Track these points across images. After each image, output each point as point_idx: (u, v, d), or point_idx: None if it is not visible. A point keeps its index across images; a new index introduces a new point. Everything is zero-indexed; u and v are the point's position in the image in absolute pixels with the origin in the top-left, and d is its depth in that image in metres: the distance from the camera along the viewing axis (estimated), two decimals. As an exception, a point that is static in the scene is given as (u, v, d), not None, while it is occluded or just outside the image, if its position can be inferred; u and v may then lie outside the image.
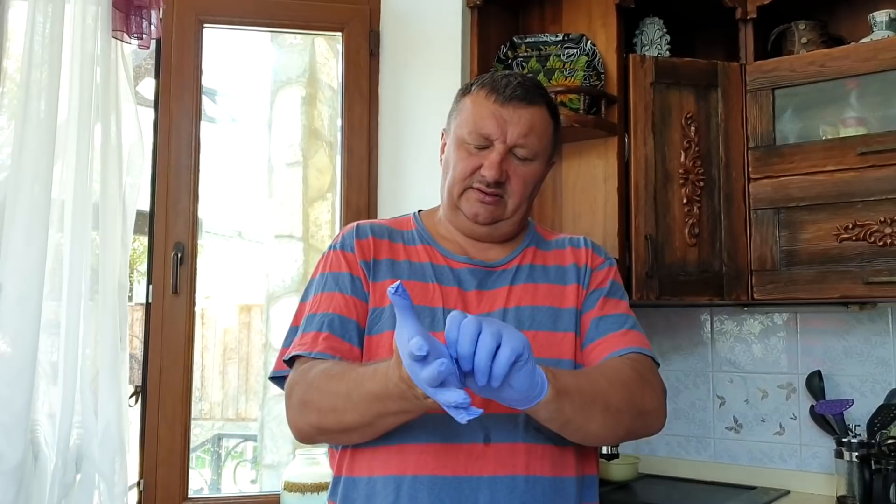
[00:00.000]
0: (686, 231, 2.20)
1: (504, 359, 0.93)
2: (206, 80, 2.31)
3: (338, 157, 2.46)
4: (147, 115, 2.22)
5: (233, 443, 4.42)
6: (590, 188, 2.24)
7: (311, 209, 3.26)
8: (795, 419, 2.38)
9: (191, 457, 2.23)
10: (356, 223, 1.36)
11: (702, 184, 2.22)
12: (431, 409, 1.02)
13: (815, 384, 2.30)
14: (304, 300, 1.33)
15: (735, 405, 2.48)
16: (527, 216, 1.37)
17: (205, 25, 2.28)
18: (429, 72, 2.34)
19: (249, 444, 4.28)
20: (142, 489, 2.13)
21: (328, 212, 3.24)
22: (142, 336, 2.20)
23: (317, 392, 1.16)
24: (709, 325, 2.56)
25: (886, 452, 2.05)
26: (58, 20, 1.86)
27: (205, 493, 3.49)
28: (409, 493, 1.17)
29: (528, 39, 2.32)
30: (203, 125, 2.27)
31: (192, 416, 2.20)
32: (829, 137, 2.13)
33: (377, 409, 1.08)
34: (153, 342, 2.16)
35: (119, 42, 2.03)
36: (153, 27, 2.07)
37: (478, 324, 0.93)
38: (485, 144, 1.28)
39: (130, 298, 2.12)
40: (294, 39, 3.30)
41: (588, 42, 2.25)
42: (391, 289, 0.90)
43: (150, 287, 2.18)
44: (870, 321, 2.30)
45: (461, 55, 2.28)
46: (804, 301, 2.19)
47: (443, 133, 1.40)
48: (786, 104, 2.19)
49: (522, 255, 1.35)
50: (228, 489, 4.19)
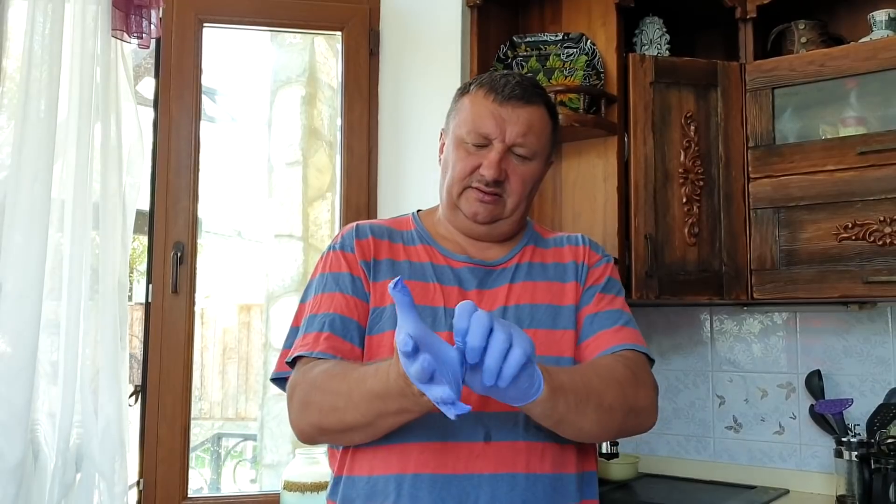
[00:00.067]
0: (686, 230, 2.21)
1: (515, 361, 0.92)
2: (206, 80, 2.31)
3: (337, 157, 2.46)
4: (147, 115, 2.23)
5: (232, 442, 4.42)
6: (589, 188, 2.24)
7: (311, 209, 3.26)
8: (795, 419, 2.38)
9: (190, 456, 2.23)
10: (355, 223, 1.36)
11: (701, 183, 2.22)
12: (432, 409, 1.02)
13: (815, 384, 2.30)
14: (304, 301, 1.33)
15: (735, 405, 2.49)
16: (526, 215, 1.37)
17: (204, 25, 2.29)
18: (428, 71, 2.34)
19: (249, 444, 4.28)
20: (141, 488, 2.13)
21: (328, 211, 3.24)
22: (142, 336, 2.20)
23: (318, 392, 1.16)
24: (708, 325, 2.56)
25: (886, 452, 2.05)
26: (58, 19, 1.86)
27: (204, 493, 3.49)
28: (410, 492, 1.17)
29: (528, 39, 2.32)
30: (203, 124, 2.28)
31: (192, 416, 2.20)
32: (829, 137, 2.13)
33: (378, 408, 1.08)
34: (153, 342, 2.17)
35: (119, 41, 2.04)
36: (153, 26, 2.07)
37: (490, 319, 0.92)
38: (484, 144, 1.29)
39: (130, 298, 2.12)
40: (294, 39, 3.30)
41: (588, 41, 2.25)
42: (391, 285, 0.89)
43: (150, 286, 2.18)
44: (869, 321, 2.30)
45: (461, 54, 2.28)
46: (804, 300, 2.19)
47: (441, 133, 1.40)
48: (785, 104, 2.19)
49: (521, 254, 1.35)
50: (228, 489, 4.19)
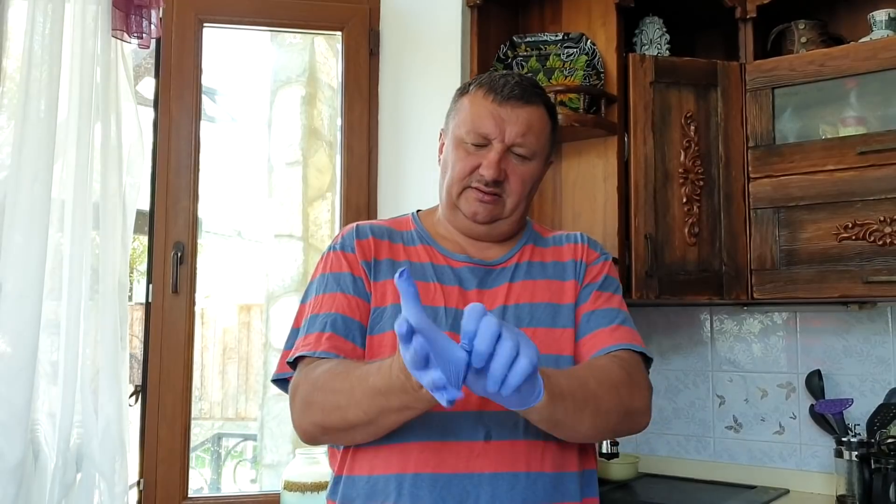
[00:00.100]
0: (686, 230, 2.21)
1: (521, 371, 0.91)
2: (206, 80, 2.31)
3: (337, 157, 2.46)
4: (147, 115, 2.23)
5: (233, 442, 4.42)
6: (590, 187, 2.24)
7: (311, 208, 3.26)
8: (795, 418, 2.38)
9: (191, 456, 2.23)
10: (355, 224, 1.36)
11: (701, 183, 2.22)
12: (433, 405, 1.02)
13: (815, 383, 2.30)
14: (305, 302, 1.33)
15: (735, 404, 2.49)
16: (525, 215, 1.38)
17: (205, 25, 2.29)
18: (429, 71, 2.34)
19: (249, 444, 4.28)
20: (142, 488, 2.13)
21: (328, 211, 3.24)
22: (142, 335, 2.20)
23: (320, 391, 1.16)
24: (708, 325, 2.56)
25: (886, 451, 2.05)
26: (58, 19, 1.86)
27: (205, 493, 3.50)
28: (411, 491, 1.17)
29: (528, 39, 2.32)
30: (203, 124, 2.28)
31: (192, 416, 2.20)
32: (829, 137, 2.13)
33: (380, 405, 1.07)
34: (153, 342, 2.17)
35: (119, 41, 2.04)
36: (153, 26, 2.07)
37: (499, 325, 0.91)
38: (483, 143, 1.29)
39: (130, 298, 2.12)
40: (294, 39, 3.30)
41: (588, 41, 2.25)
42: (397, 274, 0.88)
43: (150, 286, 2.18)
44: (869, 320, 2.30)
45: (461, 54, 2.28)
46: (804, 300, 2.19)
47: (441, 133, 1.41)
48: (785, 103, 2.19)
49: (521, 253, 1.35)
50: (228, 489, 4.19)
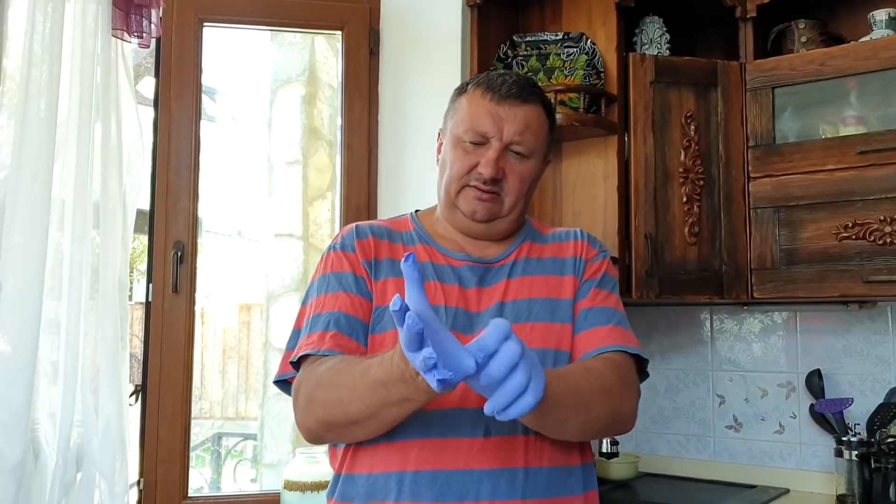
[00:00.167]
0: (686, 230, 2.21)
1: (522, 406, 0.92)
2: (206, 79, 2.31)
3: (337, 156, 2.46)
4: (147, 114, 2.23)
5: (233, 442, 4.42)
6: (590, 187, 2.24)
7: (311, 208, 3.26)
8: (795, 418, 2.38)
9: (191, 456, 2.23)
10: (355, 224, 1.37)
11: (702, 182, 2.22)
12: (431, 398, 1.03)
13: (815, 383, 2.30)
14: (305, 303, 1.33)
15: (735, 404, 2.49)
16: (524, 214, 1.38)
17: (205, 24, 2.29)
18: (429, 70, 2.34)
19: (249, 443, 4.28)
20: (142, 488, 2.13)
21: (328, 210, 3.24)
22: (142, 335, 2.20)
23: (323, 388, 1.16)
24: (708, 324, 2.56)
25: (886, 451, 2.05)
26: (58, 19, 1.86)
27: (205, 492, 3.50)
28: (411, 489, 1.18)
29: (528, 38, 2.32)
30: (203, 124, 2.28)
31: (192, 415, 2.20)
32: (829, 136, 2.13)
33: (381, 397, 1.07)
34: (153, 341, 2.17)
35: (119, 41, 2.03)
36: (153, 26, 2.07)
37: (519, 355, 0.91)
38: (481, 142, 1.30)
39: (130, 297, 2.12)
40: (294, 38, 3.30)
41: (588, 41, 2.25)
42: (404, 258, 0.88)
43: (150, 286, 2.18)
44: (869, 320, 2.30)
45: (461, 54, 2.28)
46: (804, 300, 2.19)
47: (439, 133, 1.41)
48: (785, 103, 2.19)
49: (519, 250, 1.36)
50: (228, 488, 4.19)
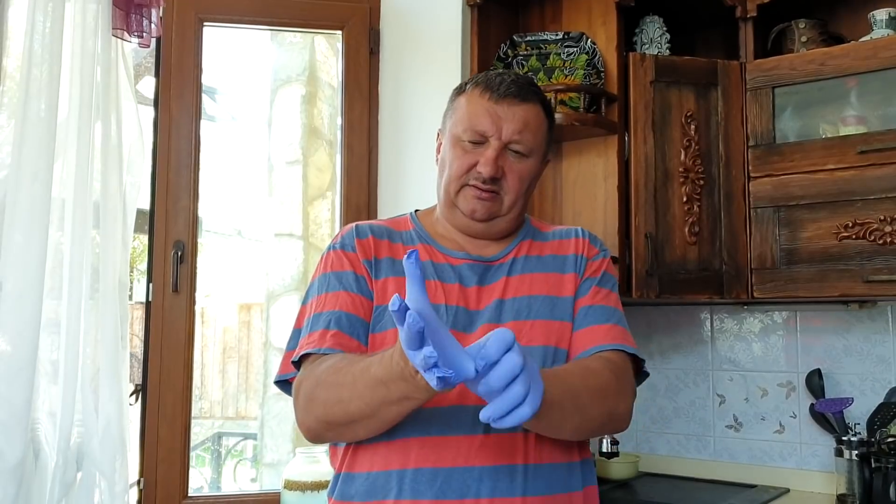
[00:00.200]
0: (686, 229, 2.20)
1: (518, 417, 0.93)
2: (206, 79, 2.31)
3: (338, 156, 2.46)
4: (147, 114, 2.22)
5: (233, 441, 4.41)
6: (590, 186, 2.24)
7: (311, 208, 3.26)
8: (795, 417, 2.38)
9: (191, 455, 2.23)
10: (354, 224, 1.37)
11: (702, 182, 2.22)
12: (431, 396, 1.03)
13: (815, 382, 2.30)
14: (305, 302, 1.33)
15: (735, 404, 2.49)
16: (523, 213, 1.39)
17: (205, 24, 2.29)
18: (429, 70, 2.34)
19: (249, 443, 4.28)
20: (142, 487, 2.13)
21: (328, 210, 3.24)
22: (142, 335, 2.20)
23: (323, 386, 1.16)
24: (709, 324, 2.56)
25: (886, 451, 2.05)
26: (58, 18, 1.86)
27: (205, 492, 3.50)
28: (412, 487, 1.18)
29: (529, 38, 2.32)
30: (203, 123, 2.28)
31: (192, 415, 2.20)
32: (829, 136, 2.13)
33: (381, 395, 1.07)
34: (153, 341, 2.17)
35: (119, 40, 2.03)
36: (153, 25, 2.07)
37: (520, 366, 0.91)
38: (480, 141, 1.30)
39: (130, 297, 2.12)
40: (294, 38, 3.29)
41: (588, 40, 2.25)
42: (406, 255, 0.88)
43: (151, 285, 2.18)
44: (869, 319, 2.30)
45: (461, 53, 2.28)
46: (804, 299, 2.19)
47: (438, 133, 1.42)
48: (786, 102, 2.19)
49: (518, 248, 1.36)
50: (228, 488, 4.19)
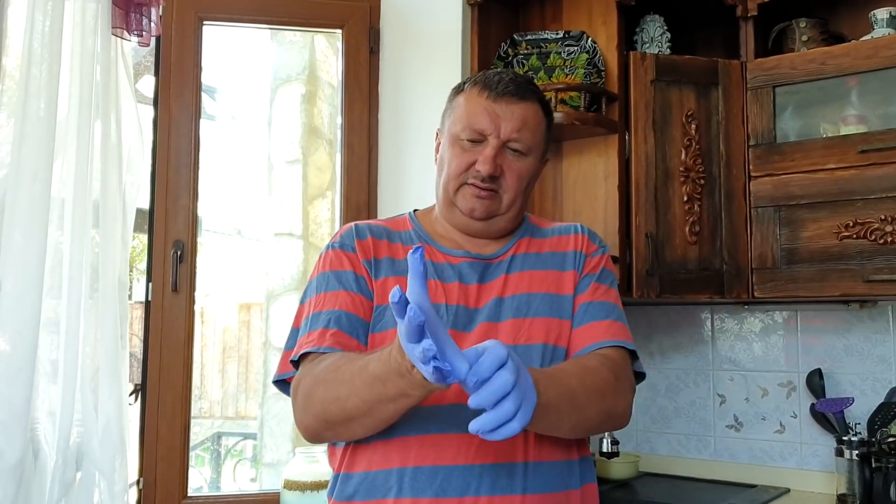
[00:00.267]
0: (687, 229, 2.20)
1: (507, 431, 0.93)
2: (206, 78, 2.31)
3: (338, 155, 2.46)
4: (147, 113, 2.22)
5: (232, 441, 4.41)
6: (590, 186, 2.24)
7: (311, 207, 3.26)
8: (796, 417, 2.38)
9: (190, 455, 2.23)
10: (354, 224, 1.37)
11: (702, 181, 2.22)
12: (427, 393, 1.03)
13: (816, 382, 2.30)
14: (304, 301, 1.33)
15: (735, 403, 2.48)
16: (522, 212, 1.39)
17: (204, 23, 2.28)
18: (429, 69, 2.33)
19: (249, 443, 4.28)
20: (141, 487, 2.13)
21: (328, 210, 3.23)
22: (141, 334, 2.20)
23: (321, 385, 1.16)
24: (709, 324, 2.56)
25: (887, 451, 2.05)
26: (57, 17, 1.85)
27: (204, 492, 3.50)
28: (412, 485, 1.18)
29: (529, 37, 2.32)
30: (203, 123, 2.27)
31: (192, 415, 2.19)
32: (830, 135, 2.13)
33: (378, 392, 1.06)
34: (153, 340, 2.16)
35: (119, 39, 2.03)
36: (153, 24, 2.07)
37: (511, 384, 0.92)
38: (479, 140, 1.30)
39: (130, 296, 2.11)
40: (294, 37, 3.29)
41: (588, 39, 2.25)
42: (412, 250, 0.88)
43: (150, 285, 2.18)
44: (870, 319, 2.30)
45: (461, 53, 2.28)
46: (805, 299, 2.19)
47: (437, 133, 1.42)
48: (786, 102, 2.19)
49: (517, 246, 1.36)
50: (228, 487, 4.19)
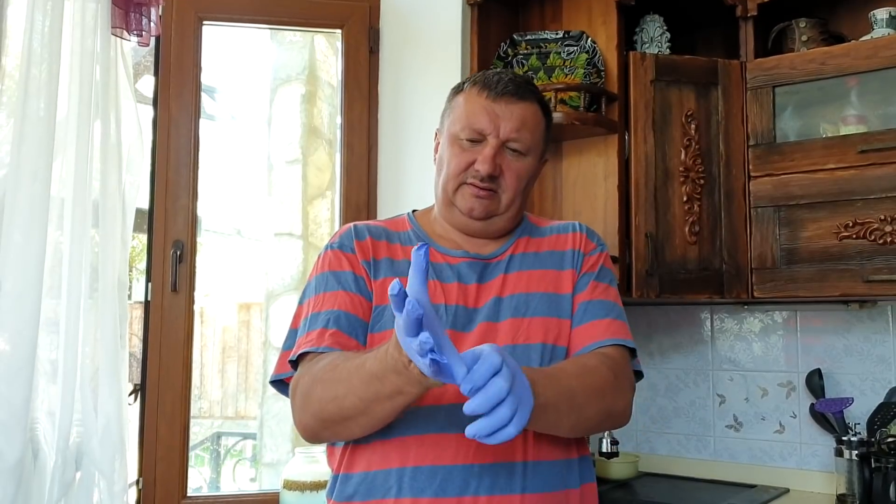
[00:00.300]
0: (686, 229, 2.20)
1: (504, 437, 0.93)
2: (206, 78, 2.31)
3: (337, 155, 2.46)
4: (146, 113, 2.22)
5: (232, 441, 4.41)
6: (590, 186, 2.24)
7: (311, 207, 3.25)
8: (795, 417, 2.38)
9: (190, 455, 2.23)
10: (352, 224, 1.37)
11: (702, 181, 2.22)
12: (423, 390, 1.02)
13: (815, 382, 2.30)
14: (302, 302, 1.33)
15: (735, 403, 2.48)
16: (521, 212, 1.39)
17: (204, 22, 2.28)
18: (429, 69, 2.33)
19: (249, 443, 4.28)
20: (141, 487, 2.13)
21: (327, 210, 3.23)
22: (141, 334, 2.20)
23: (320, 383, 1.16)
24: (709, 324, 2.56)
25: (886, 451, 2.05)
26: (57, 17, 1.85)
27: (204, 492, 3.49)
28: (411, 485, 1.18)
29: (529, 37, 2.32)
30: (202, 123, 2.27)
31: (192, 415, 2.19)
32: (830, 135, 2.13)
33: (374, 390, 1.06)
34: (152, 340, 2.16)
35: (118, 39, 2.03)
36: (153, 24, 2.07)
37: (506, 390, 0.91)
38: (478, 139, 1.30)
39: (130, 296, 2.11)
40: (294, 37, 3.29)
41: (588, 39, 2.25)
42: (417, 247, 0.88)
43: (150, 285, 2.18)
44: (870, 319, 2.30)
45: (461, 53, 2.28)
46: (804, 299, 2.19)
47: (436, 133, 1.42)
48: (786, 102, 2.19)
49: (515, 245, 1.37)
50: (227, 487, 4.19)
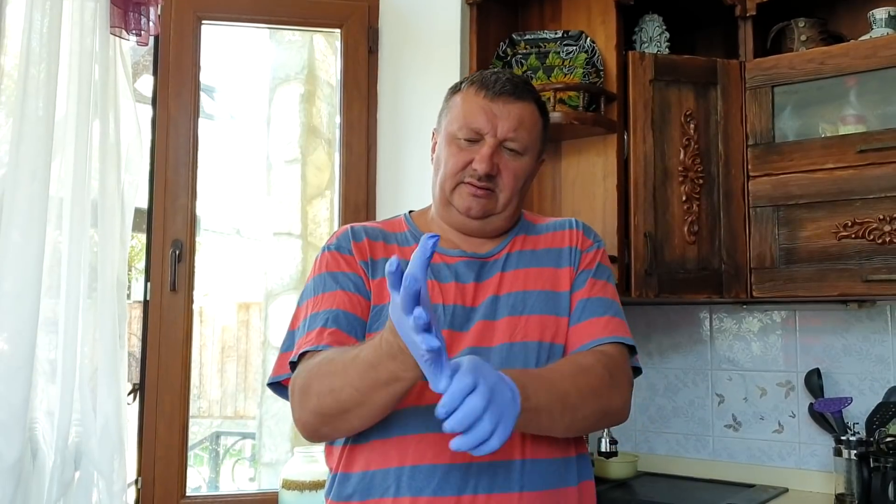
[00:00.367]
0: (685, 228, 2.20)
1: (488, 449, 0.93)
2: (205, 77, 2.31)
3: (336, 155, 2.46)
4: (145, 112, 2.22)
5: (231, 441, 4.41)
6: (589, 185, 2.24)
7: (310, 206, 3.25)
8: (794, 417, 2.38)
9: (189, 455, 2.23)
10: (349, 225, 1.38)
11: (701, 181, 2.22)
12: (419, 378, 1.02)
13: (814, 382, 2.30)
14: (301, 304, 1.33)
15: (734, 403, 2.48)
16: (518, 211, 1.39)
17: (203, 22, 2.28)
18: (428, 69, 2.33)
19: (248, 442, 4.28)
20: (140, 487, 2.12)
21: (327, 209, 3.23)
22: (140, 334, 2.20)
23: (316, 378, 1.16)
24: (708, 323, 2.56)
25: (885, 450, 2.05)
26: (56, 17, 1.85)
27: (203, 491, 3.50)
28: (410, 484, 1.18)
29: (528, 36, 2.32)
30: (201, 122, 2.27)
31: (191, 414, 2.19)
32: (829, 135, 2.13)
33: (371, 379, 1.07)
34: (151, 340, 2.16)
35: (117, 38, 2.03)
36: (151, 24, 2.07)
37: (482, 409, 0.92)
38: (475, 139, 1.30)
39: (129, 296, 2.11)
40: (293, 36, 3.29)
41: (587, 39, 2.25)
42: (428, 236, 0.88)
43: (149, 284, 2.18)
44: (868, 319, 2.30)
45: (460, 52, 2.28)
46: (803, 299, 2.19)
47: (433, 133, 1.42)
48: (785, 102, 2.19)
49: (512, 244, 1.37)
50: (227, 487, 4.19)
